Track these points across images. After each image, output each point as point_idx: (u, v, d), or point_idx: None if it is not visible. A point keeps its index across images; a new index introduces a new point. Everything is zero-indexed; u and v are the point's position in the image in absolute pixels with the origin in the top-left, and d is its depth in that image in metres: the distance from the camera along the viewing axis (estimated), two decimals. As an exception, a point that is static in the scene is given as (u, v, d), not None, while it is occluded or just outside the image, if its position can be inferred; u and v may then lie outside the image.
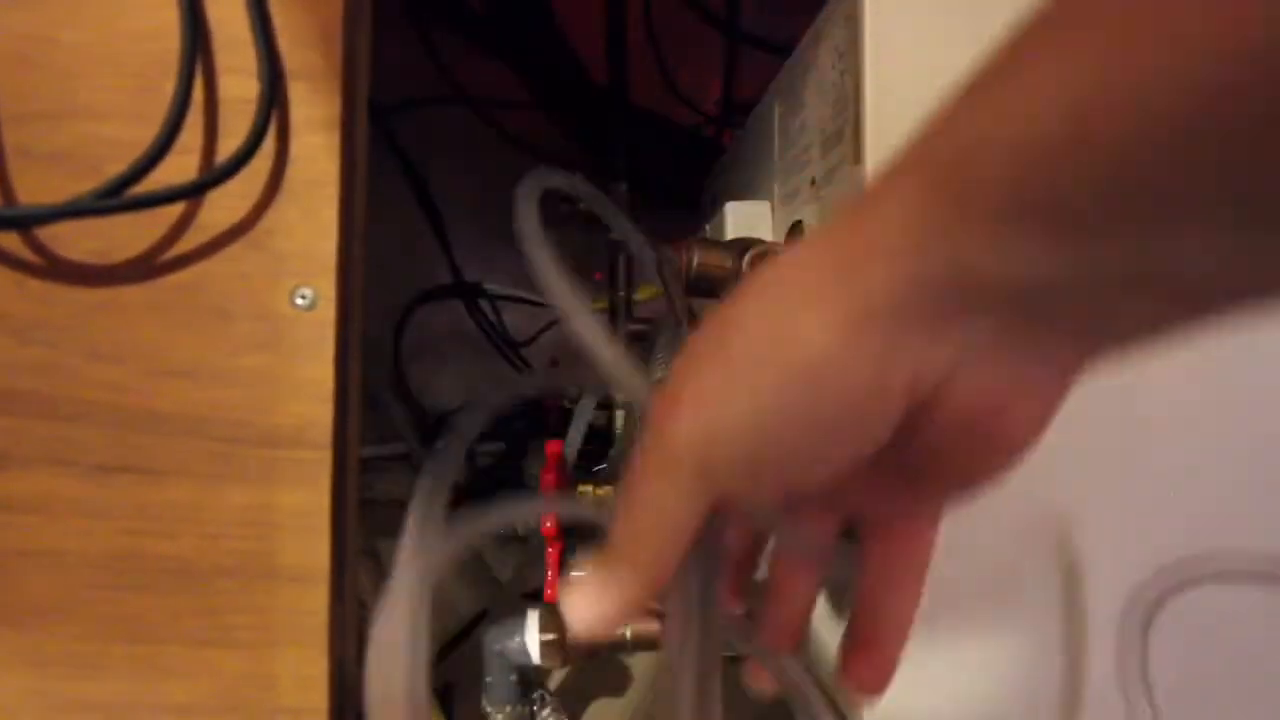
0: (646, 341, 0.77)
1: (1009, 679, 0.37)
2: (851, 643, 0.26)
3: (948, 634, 0.36)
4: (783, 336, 0.18)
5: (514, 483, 0.95)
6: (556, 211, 0.88)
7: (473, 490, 0.93)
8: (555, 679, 0.53)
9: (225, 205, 0.37)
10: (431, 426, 0.95)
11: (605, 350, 0.23)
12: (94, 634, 0.37)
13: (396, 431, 0.97)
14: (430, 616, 0.24)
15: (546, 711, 0.47)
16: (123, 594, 0.37)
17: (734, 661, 0.29)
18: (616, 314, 0.83)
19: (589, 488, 0.49)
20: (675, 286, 0.40)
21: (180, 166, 0.36)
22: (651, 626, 0.45)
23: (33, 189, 0.36)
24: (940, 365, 0.18)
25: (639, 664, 0.55)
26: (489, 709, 0.46)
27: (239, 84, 0.37)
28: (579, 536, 0.76)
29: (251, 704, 0.38)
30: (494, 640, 0.44)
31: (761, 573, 0.29)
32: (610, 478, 0.48)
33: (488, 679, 0.45)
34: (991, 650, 0.37)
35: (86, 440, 0.37)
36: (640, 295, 0.82)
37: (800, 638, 0.28)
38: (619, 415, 0.83)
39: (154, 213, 0.37)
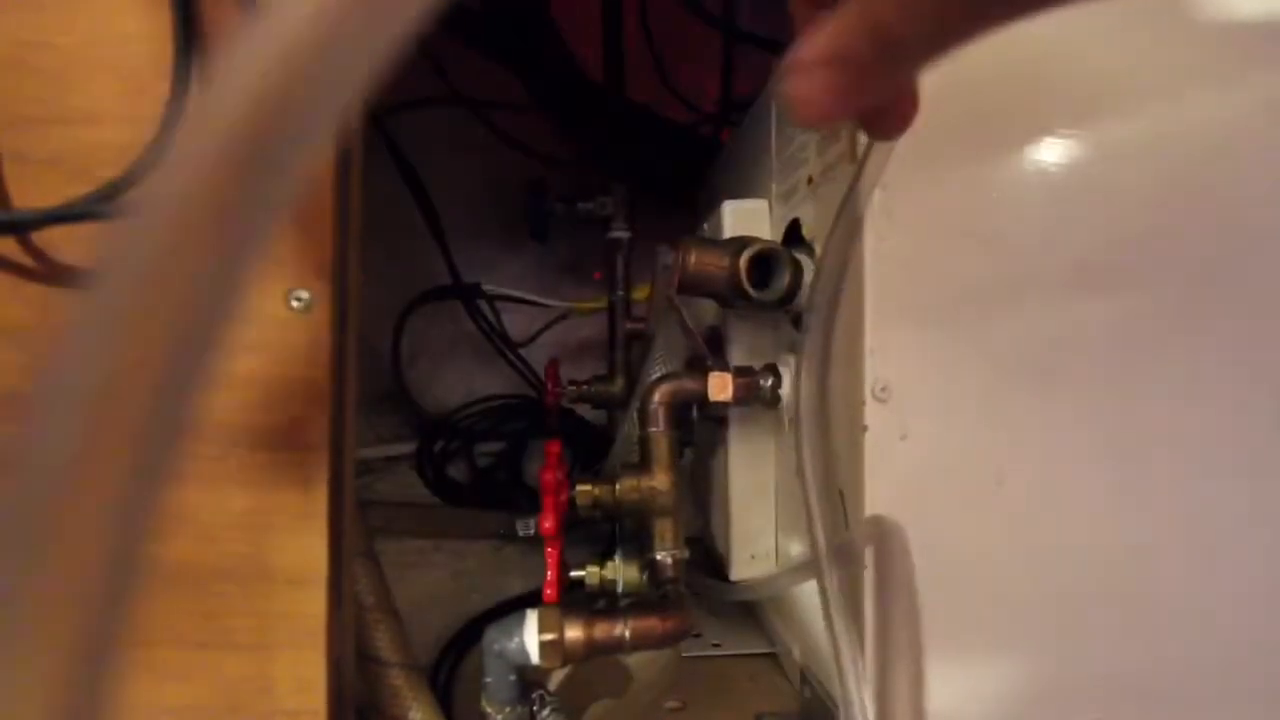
0: (645, 339, 0.77)
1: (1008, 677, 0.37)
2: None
3: (948, 635, 0.36)
4: None
5: (514, 482, 0.95)
6: (555, 211, 0.88)
7: (473, 490, 0.93)
8: (555, 679, 0.53)
9: (220, 208, 0.37)
10: (431, 426, 0.95)
11: None
12: (92, 637, 0.37)
13: (396, 433, 0.97)
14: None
15: (546, 711, 0.47)
16: (120, 597, 0.37)
17: (733, 660, 0.28)
18: (615, 313, 0.83)
19: (588, 487, 0.49)
20: (663, 287, 0.40)
21: (175, 169, 0.36)
22: (650, 623, 0.45)
23: (28, 193, 0.36)
24: None
25: (639, 664, 0.55)
26: (489, 709, 0.46)
27: (233, 86, 0.37)
28: (579, 536, 0.76)
29: (250, 706, 0.38)
30: (494, 640, 0.44)
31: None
32: (610, 477, 0.48)
33: (487, 679, 0.45)
34: (991, 648, 0.37)
35: (82, 444, 0.37)
36: (638, 295, 0.82)
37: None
38: (619, 414, 0.83)
39: (149, 216, 0.36)
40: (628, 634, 0.44)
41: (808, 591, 0.43)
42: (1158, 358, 0.36)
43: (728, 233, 0.52)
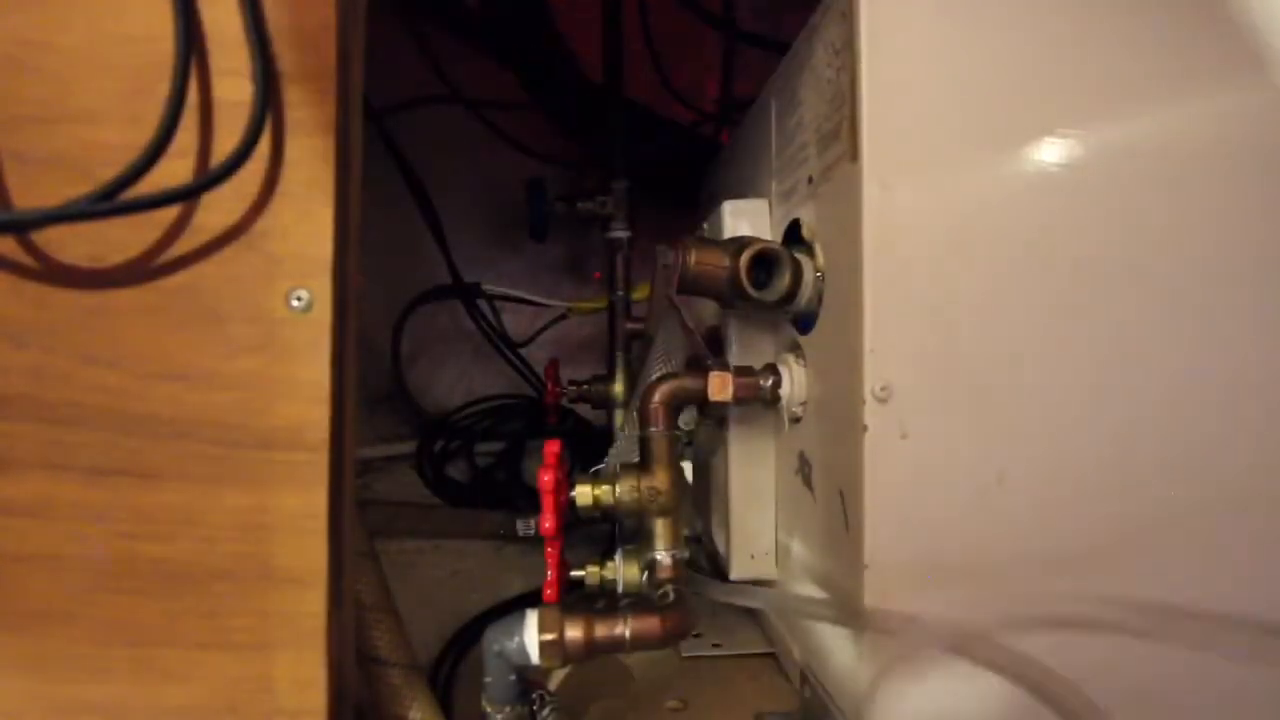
0: (645, 339, 0.77)
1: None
2: None
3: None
4: None
5: (514, 482, 0.95)
6: (555, 211, 0.88)
7: (473, 490, 0.93)
8: (555, 679, 0.53)
9: (220, 208, 0.37)
10: (431, 426, 0.95)
11: None
12: (92, 637, 0.37)
13: (396, 433, 0.97)
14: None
15: (546, 711, 0.47)
16: (120, 597, 0.37)
17: (733, 660, 0.28)
18: (615, 313, 0.83)
19: (588, 486, 0.49)
20: (663, 287, 0.40)
21: (175, 169, 0.36)
22: (650, 623, 0.44)
23: (27, 193, 0.36)
24: None
25: (639, 664, 0.55)
26: (489, 709, 0.45)
27: (233, 86, 0.37)
28: (579, 536, 0.76)
29: (249, 706, 0.38)
30: (494, 640, 0.44)
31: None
32: (610, 477, 0.48)
33: (487, 679, 0.45)
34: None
35: (82, 444, 0.37)
36: (638, 295, 0.82)
37: None
38: (618, 414, 0.83)
39: (149, 216, 0.36)
40: (628, 634, 0.44)
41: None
42: (1158, 357, 0.36)
43: (728, 233, 0.52)
